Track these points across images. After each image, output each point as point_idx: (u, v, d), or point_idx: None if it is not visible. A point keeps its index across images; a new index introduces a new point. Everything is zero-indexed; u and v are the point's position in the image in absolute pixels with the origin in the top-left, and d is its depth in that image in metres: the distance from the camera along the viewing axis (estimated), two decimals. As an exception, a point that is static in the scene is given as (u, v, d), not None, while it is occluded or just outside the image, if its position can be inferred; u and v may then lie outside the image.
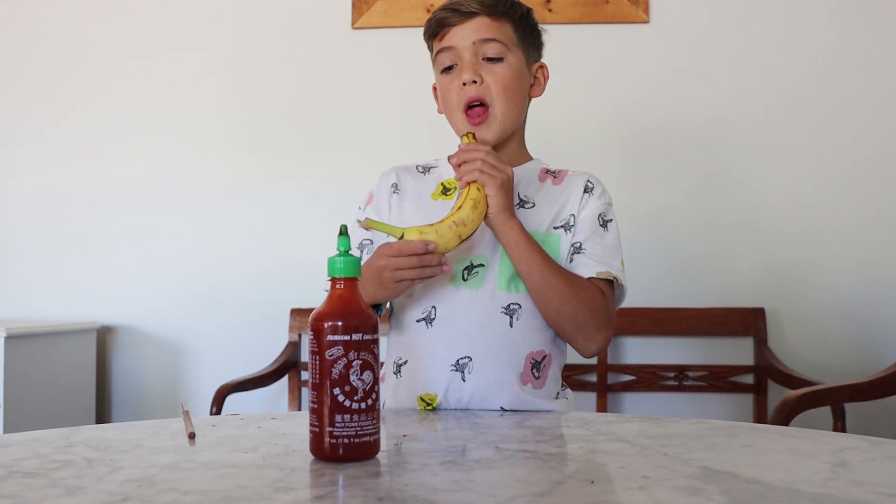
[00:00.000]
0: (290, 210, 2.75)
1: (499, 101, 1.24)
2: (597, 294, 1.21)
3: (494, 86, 1.23)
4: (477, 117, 1.24)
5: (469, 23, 1.24)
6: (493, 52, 1.24)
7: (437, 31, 1.26)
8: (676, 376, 2.58)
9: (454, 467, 0.82)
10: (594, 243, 1.25)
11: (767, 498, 0.70)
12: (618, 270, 1.24)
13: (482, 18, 1.24)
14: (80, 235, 2.82)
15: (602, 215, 1.27)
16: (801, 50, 2.62)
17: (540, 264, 1.18)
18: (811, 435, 0.98)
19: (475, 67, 1.23)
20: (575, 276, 1.21)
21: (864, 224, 2.58)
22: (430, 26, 1.28)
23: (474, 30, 1.23)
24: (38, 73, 2.85)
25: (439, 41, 1.27)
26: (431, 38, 1.29)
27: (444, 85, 1.27)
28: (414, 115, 2.61)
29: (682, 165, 2.64)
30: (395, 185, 1.32)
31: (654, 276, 2.61)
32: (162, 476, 0.78)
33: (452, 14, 1.24)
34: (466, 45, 1.24)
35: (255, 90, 2.78)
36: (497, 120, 1.24)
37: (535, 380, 1.22)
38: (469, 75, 1.23)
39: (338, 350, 0.84)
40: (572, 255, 1.24)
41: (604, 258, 1.23)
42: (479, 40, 1.23)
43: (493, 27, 1.24)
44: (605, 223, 1.27)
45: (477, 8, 1.23)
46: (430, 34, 1.29)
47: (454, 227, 1.10)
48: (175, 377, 2.78)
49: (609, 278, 1.23)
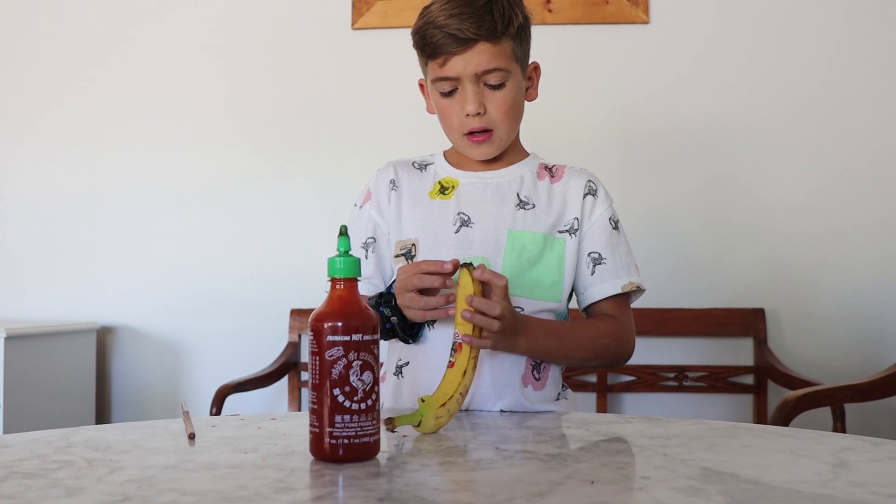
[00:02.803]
0: (290, 210, 2.74)
1: (502, 125, 1.23)
2: (614, 326, 1.25)
3: (497, 112, 1.22)
4: (478, 137, 1.23)
5: (469, 52, 1.18)
6: (495, 81, 1.20)
7: (435, 54, 1.20)
8: (676, 377, 2.58)
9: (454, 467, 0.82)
10: (612, 252, 1.27)
11: (767, 498, 0.70)
12: (637, 277, 1.28)
13: (483, 45, 1.18)
14: (80, 236, 2.82)
15: (611, 218, 1.29)
16: (801, 50, 2.62)
17: (560, 351, 1.21)
18: (811, 435, 0.98)
19: (478, 98, 1.20)
20: (592, 328, 1.24)
21: (865, 225, 2.58)
22: (425, 45, 1.21)
23: (475, 59, 1.18)
24: (39, 73, 2.85)
25: (438, 67, 1.20)
26: (425, 56, 1.23)
27: (445, 107, 1.24)
28: (414, 116, 2.60)
29: (681, 166, 2.64)
30: (393, 181, 1.31)
31: (654, 277, 2.61)
32: (162, 476, 0.78)
33: (451, 41, 1.17)
34: (468, 75, 1.19)
35: (255, 90, 2.78)
36: (500, 139, 1.25)
37: (536, 381, 1.22)
38: (473, 107, 1.20)
39: (338, 350, 0.84)
40: (593, 267, 1.26)
41: (625, 268, 1.27)
42: (481, 71, 1.19)
43: (494, 53, 1.18)
44: (616, 225, 1.29)
45: (475, 34, 1.17)
46: (424, 53, 1.23)
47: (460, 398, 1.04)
48: (175, 377, 2.78)
49: (632, 289, 1.26)
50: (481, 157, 1.26)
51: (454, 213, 1.25)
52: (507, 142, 1.26)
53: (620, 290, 1.25)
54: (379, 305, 1.16)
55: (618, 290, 1.25)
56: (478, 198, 1.26)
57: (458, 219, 1.25)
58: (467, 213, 1.25)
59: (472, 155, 1.27)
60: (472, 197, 1.27)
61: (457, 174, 1.30)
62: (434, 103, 1.27)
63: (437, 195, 1.29)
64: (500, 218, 1.24)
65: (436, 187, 1.29)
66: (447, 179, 1.30)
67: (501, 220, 1.24)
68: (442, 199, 1.28)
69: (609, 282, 1.25)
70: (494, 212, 1.25)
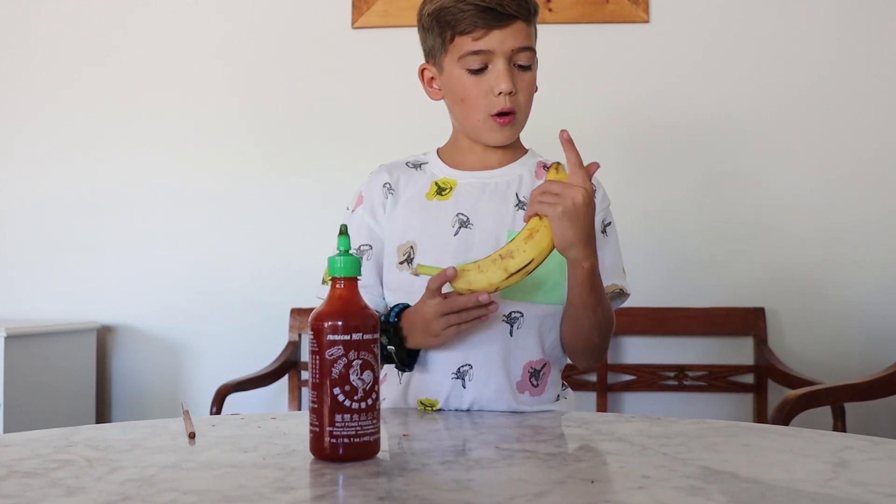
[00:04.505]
0: (290, 210, 2.74)
1: (524, 108, 1.23)
2: (612, 317, 1.22)
3: (522, 94, 1.21)
4: (505, 119, 1.21)
5: (509, 28, 1.17)
6: (524, 61, 1.20)
7: (469, 28, 1.17)
8: (676, 376, 2.58)
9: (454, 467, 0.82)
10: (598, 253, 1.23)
11: (767, 498, 0.70)
12: (622, 280, 1.26)
13: (520, 24, 1.18)
14: (80, 236, 2.82)
15: (603, 220, 1.27)
16: (801, 49, 2.62)
17: (594, 305, 1.15)
18: (811, 435, 0.98)
19: (512, 77, 1.19)
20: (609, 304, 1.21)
21: (865, 224, 2.58)
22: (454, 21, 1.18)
23: (512, 36, 1.18)
24: (39, 73, 2.85)
25: (472, 41, 1.18)
26: (453, 32, 1.19)
27: (471, 85, 1.20)
28: (414, 115, 2.61)
29: (681, 166, 2.64)
30: (387, 184, 1.28)
31: (654, 276, 2.61)
32: (162, 476, 0.78)
33: (491, 16, 1.16)
34: (504, 50, 1.18)
35: (255, 90, 2.78)
36: (520, 124, 1.24)
37: (534, 388, 1.22)
38: (507, 85, 1.18)
39: (338, 350, 0.84)
40: None
41: (608, 270, 1.24)
42: (517, 48, 1.18)
43: (527, 33, 1.19)
44: (605, 228, 1.27)
45: (516, 11, 1.17)
46: (451, 28, 1.19)
47: (500, 260, 1.03)
48: (175, 377, 2.78)
49: (615, 291, 1.24)
50: (502, 141, 1.23)
51: (453, 215, 1.23)
52: (521, 129, 1.26)
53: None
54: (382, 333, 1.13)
55: None
56: (476, 198, 1.24)
57: (457, 220, 1.23)
58: (466, 214, 1.23)
59: (492, 140, 1.23)
60: (470, 197, 1.25)
61: (454, 174, 1.27)
62: (455, 83, 1.22)
63: (434, 196, 1.26)
64: (500, 219, 1.22)
65: (433, 188, 1.27)
66: (444, 180, 1.27)
67: (501, 221, 1.22)
68: (440, 199, 1.26)
69: None
70: (494, 212, 1.23)
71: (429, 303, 1.08)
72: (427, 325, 1.09)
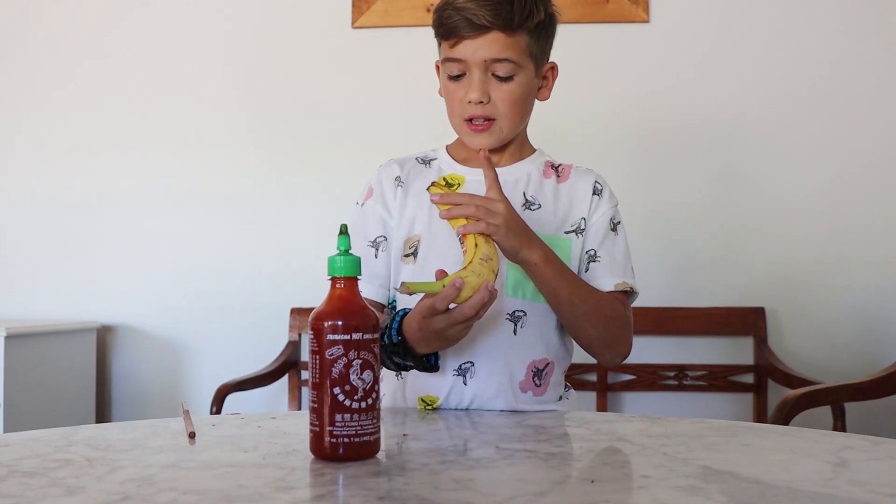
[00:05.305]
0: (290, 209, 2.74)
1: (505, 117, 1.21)
2: (619, 307, 1.21)
3: (502, 104, 1.20)
4: (479, 126, 1.21)
5: (481, 38, 1.16)
6: (503, 72, 1.19)
7: (447, 35, 1.19)
8: (676, 376, 2.58)
9: (454, 467, 0.82)
10: (608, 251, 1.24)
11: (767, 498, 0.70)
12: (632, 278, 1.25)
13: (496, 34, 1.16)
14: (81, 235, 2.82)
15: (612, 219, 1.27)
16: (802, 49, 2.62)
17: (568, 294, 1.15)
18: (811, 434, 0.98)
19: (484, 86, 1.19)
20: (599, 293, 1.20)
21: (865, 225, 2.58)
22: (441, 25, 1.21)
23: (486, 47, 1.16)
24: (39, 73, 2.85)
25: (449, 47, 1.20)
26: (440, 37, 1.23)
27: (451, 90, 1.23)
28: (414, 115, 2.61)
29: (681, 166, 2.64)
30: (398, 177, 1.29)
31: (654, 276, 2.61)
32: (162, 475, 0.78)
33: (465, 25, 1.16)
34: (476, 61, 1.17)
35: (255, 90, 2.78)
36: (501, 132, 1.23)
37: (536, 387, 1.21)
38: (476, 95, 1.18)
39: (338, 349, 0.84)
40: (588, 264, 1.24)
41: (619, 267, 1.24)
42: (490, 59, 1.18)
43: (507, 44, 1.17)
44: (615, 226, 1.27)
45: (490, 22, 1.15)
46: (438, 33, 1.23)
47: (484, 263, 1.04)
48: (175, 377, 2.78)
49: (626, 289, 1.23)
50: (479, 146, 1.23)
51: None
52: (508, 136, 1.24)
53: (613, 288, 1.22)
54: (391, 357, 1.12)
55: (610, 288, 1.22)
56: None
57: None
58: None
59: (469, 143, 1.25)
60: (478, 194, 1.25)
61: (462, 171, 1.28)
62: (442, 85, 1.25)
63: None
64: None
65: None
66: (452, 176, 1.28)
67: None
68: None
69: (601, 279, 1.23)
70: None
71: (437, 319, 1.05)
72: (439, 335, 1.07)
